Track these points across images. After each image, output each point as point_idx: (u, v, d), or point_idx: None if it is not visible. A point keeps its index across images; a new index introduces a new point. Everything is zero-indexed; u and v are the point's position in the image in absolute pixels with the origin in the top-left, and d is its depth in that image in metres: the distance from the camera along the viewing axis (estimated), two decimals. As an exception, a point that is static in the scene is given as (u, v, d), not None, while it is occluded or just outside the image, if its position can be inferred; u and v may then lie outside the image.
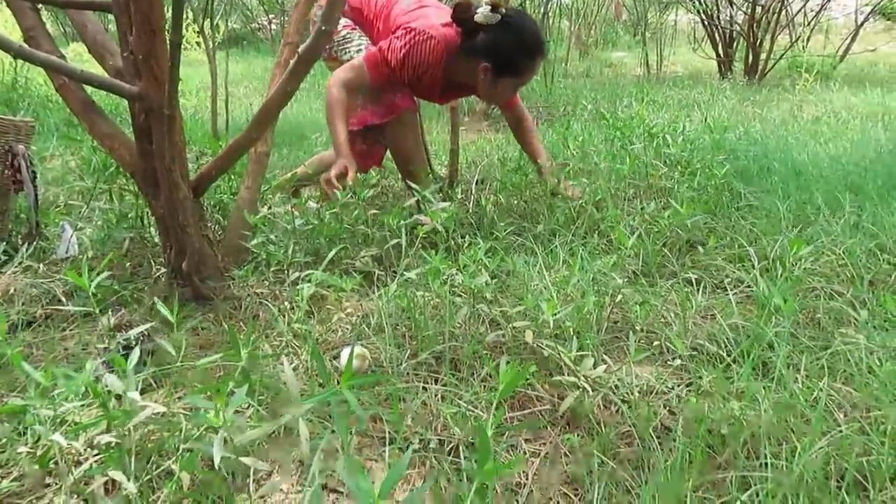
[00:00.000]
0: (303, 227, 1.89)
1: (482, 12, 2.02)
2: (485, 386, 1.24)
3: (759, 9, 6.57)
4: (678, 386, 1.22)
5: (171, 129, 1.38)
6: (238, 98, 5.57)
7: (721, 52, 7.08)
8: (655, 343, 1.34)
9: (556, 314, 1.19)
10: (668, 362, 1.30)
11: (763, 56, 6.60)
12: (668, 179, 2.28)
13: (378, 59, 2.10)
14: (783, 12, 6.82)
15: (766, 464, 0.95)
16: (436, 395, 1.22)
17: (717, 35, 7.08)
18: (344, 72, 2.12)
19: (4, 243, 1.92)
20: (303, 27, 1.96)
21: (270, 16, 10.01)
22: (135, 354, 0.98)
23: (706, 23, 7.09)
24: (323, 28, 1.33)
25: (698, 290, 1.59)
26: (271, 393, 1.23)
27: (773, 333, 1.26)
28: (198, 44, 6.88)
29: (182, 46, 1.25)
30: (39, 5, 1.68)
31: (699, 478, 0.94)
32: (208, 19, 3.84)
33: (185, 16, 2.67)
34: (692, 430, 1.05)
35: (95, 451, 1.04)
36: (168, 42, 1.23)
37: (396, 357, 1.33)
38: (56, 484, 1.05)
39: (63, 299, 1.64)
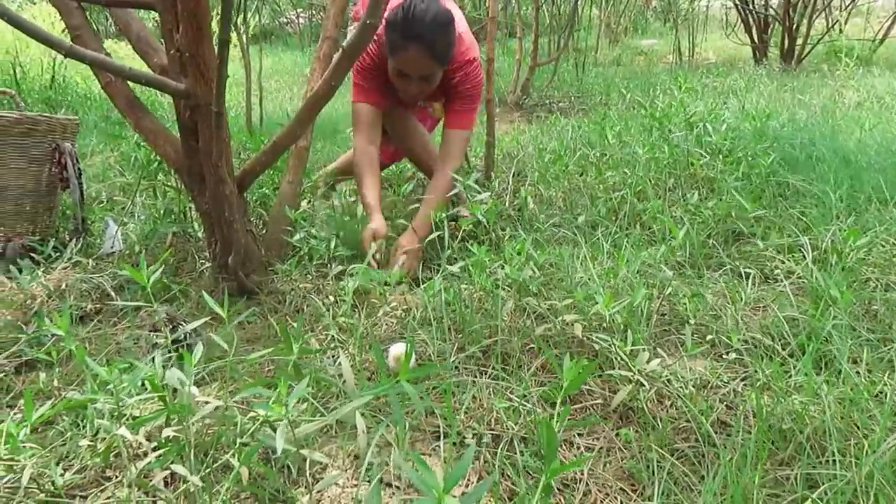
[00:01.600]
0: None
1: None
2: (535, 380, 1.23)
3: (795, -8, 6.41)
4: (734, 380, 1.19)
5: (219, 126, 1.39)
6: (270, 92, 5.60)
7: (756, 37, 6.92)
8: (708, 336, 1.32)
9: (612, 309, 1.17)
10: (722, 356, 1.27)
11: (800, 41, 6.44)
12: (710, 169, 2.24)
13: (352, 80, 2.05)
14: (820, -5, 6.65)
15: (833, 461, 0.92)
16: (485, 389, 1.21)
17: (751, 20, 6.93)
18: (353, 121, 2.10)
19: (53, 239, 1.95)
20: (341, 21, 1.96)
21: (298, 10, 10.04)
22: (198, 350, 0.99)
23: (740, 7, 6.94)
24: (368, 22, 1.33)
25: (747, 281, 1.56)
26: (322, 387, 1.23)
27: (831, 326, 1.23)
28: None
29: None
30: (84, 3, 1.70)
31: (764, 475, 0.92)
32: (241, 15, 3.87)
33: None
34: (753, 425, 1.03)
35: (154, 445, 1.05)
36: (217, 39, 1.24)
37: (444, 351, 1.33)
38: (116, 477, 1.07)
39: (113, 294, 1.67)
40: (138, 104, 1.70)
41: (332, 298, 1.61)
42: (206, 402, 1.04)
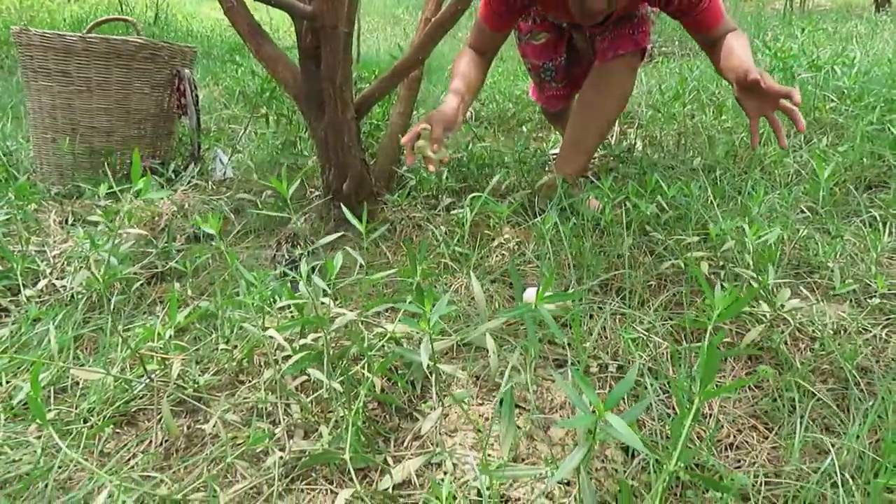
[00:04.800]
0: (452, 155, 1.88)
1: None
2: (660, 315, 1.20)
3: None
4: (876, 326, 1.13)
5: (346, 48, 1.38)
6: (362, 32, 5.60)
7: (879, -19, 6.38)
8: (848, 281, 1.25)
9: (756, 240, 1.12)
10: (863, 301, 1.20)
11: (930, -15, 5.89)
12: (838, 114, 2.09)
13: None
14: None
15: None
16: (608, 320, 1.19)
17: (874, -38, 6.38)
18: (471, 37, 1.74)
19: (174, 163, 2.03)
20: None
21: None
22: (338, 260, 1.01)
23: (863, -52, 6.39)
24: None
25: (884, 229, 1.46)
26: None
27: None
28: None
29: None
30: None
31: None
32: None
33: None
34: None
35: (286, 353, 1.09)
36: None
37: (563, 282, 1.31)
38: (249, 381, 1.12)
39: (232, 216, 1.73)
40: (259, 30, 1.71)
41: (442, 229, 1.61)
42: (340, 315, 1.07)
